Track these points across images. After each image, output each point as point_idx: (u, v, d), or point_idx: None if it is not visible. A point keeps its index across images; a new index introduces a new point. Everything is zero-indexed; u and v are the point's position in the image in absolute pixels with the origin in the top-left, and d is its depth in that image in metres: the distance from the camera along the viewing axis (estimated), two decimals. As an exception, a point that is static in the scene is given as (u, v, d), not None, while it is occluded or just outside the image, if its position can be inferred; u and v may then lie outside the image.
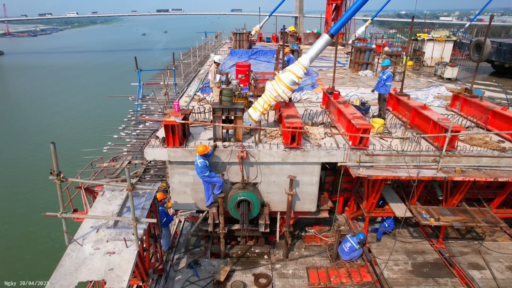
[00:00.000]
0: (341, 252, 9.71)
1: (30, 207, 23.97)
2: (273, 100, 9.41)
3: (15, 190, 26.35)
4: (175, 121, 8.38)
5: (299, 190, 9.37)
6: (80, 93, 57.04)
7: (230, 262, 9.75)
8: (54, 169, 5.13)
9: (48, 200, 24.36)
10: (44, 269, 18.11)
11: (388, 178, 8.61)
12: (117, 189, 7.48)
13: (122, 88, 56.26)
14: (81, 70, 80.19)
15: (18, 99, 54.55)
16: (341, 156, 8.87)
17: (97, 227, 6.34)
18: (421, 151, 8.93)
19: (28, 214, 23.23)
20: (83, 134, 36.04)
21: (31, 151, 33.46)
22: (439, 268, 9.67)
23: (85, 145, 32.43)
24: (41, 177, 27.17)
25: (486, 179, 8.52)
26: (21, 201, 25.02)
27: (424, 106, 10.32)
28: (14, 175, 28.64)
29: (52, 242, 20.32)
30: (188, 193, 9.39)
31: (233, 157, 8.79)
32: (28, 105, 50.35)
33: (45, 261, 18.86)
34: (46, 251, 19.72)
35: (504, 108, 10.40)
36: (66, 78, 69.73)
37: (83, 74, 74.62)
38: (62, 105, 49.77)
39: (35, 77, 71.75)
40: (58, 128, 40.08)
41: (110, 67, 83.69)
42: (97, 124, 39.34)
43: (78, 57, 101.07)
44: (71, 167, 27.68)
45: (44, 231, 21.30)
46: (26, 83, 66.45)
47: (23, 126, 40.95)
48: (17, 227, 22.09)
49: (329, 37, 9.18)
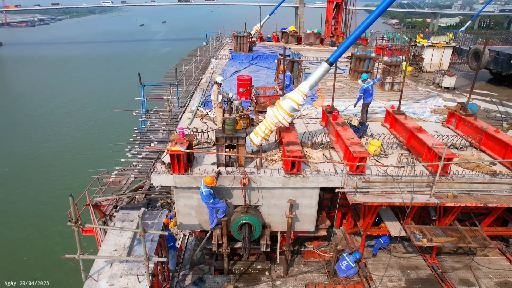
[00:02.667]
0: (338, 270, 10.22)
1: (29, 205, 24.28)
2: (274, 125, 9.80)
3: (12, 189, 26.65)
4: (180, 150, 8.77)
5: (299, 212, 9.83)
6: (80, 86, 57.17)
7: (233, 278, 10.29)
8: (72, 217, 5.55)
9: (44, 197, 24.82)
10: (44, 269, 18.84)
11: (383, 204, 9.05)
12: (127, 219, 7.93)
13: (121, 82, 56.62)
14: (80, 61, 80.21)
15: (18, 91, 54.72)
16: (339, 182, 9.29)
17: (111, 261, 6.81)
18: (415, 176, 9.34)
19: (27, 212, 23.54)
20: (86, 137, 36.11)
21: (30, 145, 33.79)
22: (431, 285, 10.20)
23: (89, 145, 32.93)
24: (37, 175, 27.66)
25: (477, 205, 8.96)
26: (20, 195, 25.35)
27: (420, 128, 10.67)
28: (9, 170, 28.81)
29: (52, 241, 20.80)
30: (193, 215, 9.85)
31: (236, 183, 9.21)
32: (28, 98, 50.55)
33: (45, 260, 19.36)
34: (46, 250, 20.14)
35: (497, 130, 10.75)
36: (66, 70, 69.81)
37: (83, 66, 74.67)
38: (63, 98, 49.98)
39: (35, 69, 71.91)
40: (59, 124, 40.27)
41: (109, 59, 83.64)
42: (100, 122, 39.62)
43: (77, 48, 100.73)
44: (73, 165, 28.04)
45: (43, 230, 21.71)
46: (26, 74, 66.57)
47: (23, 120, 41.12)
48: (15, 226, 22.36)
49: (328, 66, 9.51)
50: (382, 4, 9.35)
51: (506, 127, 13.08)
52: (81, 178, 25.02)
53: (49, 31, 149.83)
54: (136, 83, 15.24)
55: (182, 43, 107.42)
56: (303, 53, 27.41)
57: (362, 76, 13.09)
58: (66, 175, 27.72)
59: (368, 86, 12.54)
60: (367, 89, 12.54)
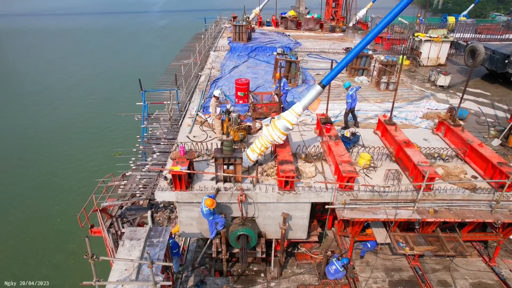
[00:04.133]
0: (328, 273, 11.20)
1: (29, 204, 23.82)
2: (269, 143, 10.42)
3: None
4: (181, 170, 9.43)
5: (292, 223, 10.64)
6: (80, 61, 56.80)
7: (232, 280, 11.29)
8: (89, 253, 6.32)
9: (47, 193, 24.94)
10: (44, 269, 19.15)
11: (369, 220, 9.84)
12: (135, 237, 8.75)
13: (119, 60, 56.14)
14: (77, 34, 78.89)
15: (17, 66, 54.38)
16: (329, 197, 10.03)
17: (122, 281, 7.67)
18: (400, 192, 10.06)
19: (27, 210, 23.27)
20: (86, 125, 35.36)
21: (28, 126, 33.82)
22: (412, 286, 11.20)
23: (91, 136, 32.69)
24: (38, 173, 27.20)
25: (455, 220, 9.75)
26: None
27: (408, 143, 11.27)
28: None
29: (51, 241, 20.93)
30: (194, 225, 10.68)
31: (234, 199, 9.96)
32: (27, 72, 50.09)
33: (45, 260, 19.64)
34: (46, 250, 20.29)
35: (481, 144, 11.35)
36: (62, 45, 68.76)
37: (80, 39, 73.58)
38: (63, 73, 49.72)
39: (30, 43, 70.83)
40: (58, 101, 40.08)
41: (106, 32, 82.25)
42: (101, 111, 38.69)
43: (73, 20, 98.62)
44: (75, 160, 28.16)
45: (42, 230, 21.67)
46: (25, 48, 65.79)
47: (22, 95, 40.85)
48: (15, 226, 22.13)
49: (321, 88, 9.97)
50: (376, 28, 9.55)
51: (493, 134, 13.66)
52: (82, 177, 25.35)
53: (42, 0, 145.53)
54: (135, 62, 15.39)
55: (181, 15, 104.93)
56: (302, 42, 27.45)
57: (345, 84, 13.76)
58: (68, 173, 27.02)
59: (352, 92, 13.32)
60: (352, 95, 13.31)
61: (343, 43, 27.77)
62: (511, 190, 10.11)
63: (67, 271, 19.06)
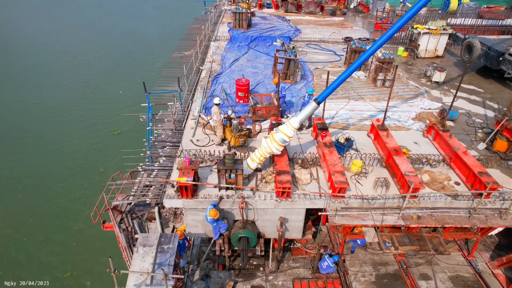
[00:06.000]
0: (320, 267, 12.41)
1: (29, 204, 23.45)
2: (267, 154, 11.23)
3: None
4: (187, 182, 10.32)
5: (288, 225, 11.69)
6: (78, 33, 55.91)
7: (233, 274, 12.54)
8: (112, 269, 7.35)
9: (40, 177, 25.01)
10: (44, 269, 19.35)
11: (358, 226, 10.86)
12: (147, 243, 9.80)
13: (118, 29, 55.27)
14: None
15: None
16: (323, 204, 10.99)
17: (138, 285, 8.79)
18: (387, 199, 11.02)
19: (27, 212, 22.96)
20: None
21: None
22: (396, 279, 12.46)
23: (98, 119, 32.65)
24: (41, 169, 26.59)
25: (436, 225, 10.78)
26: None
27: (398, 150, 12.07)
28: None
29: (52, 240, 21.03)
30: (199, 226, 11.73)
31: (235, 205, 10.94)
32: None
33: (44, 260, 19.82)
34: (45, 250, 20.41)
35: (465, 152, 12.15)
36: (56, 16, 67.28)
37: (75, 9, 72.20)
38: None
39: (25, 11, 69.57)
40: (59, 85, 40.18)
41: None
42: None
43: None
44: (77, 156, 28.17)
45: (42, 230, 21.63)
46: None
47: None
48: (15, 225, 21.96)
49: (316, 105, 10.64)
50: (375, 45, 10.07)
51: (480, 137, 14.40)
52: (86, 173, 25.45)
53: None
54: (133, 30, 15.37)
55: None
56: (302, 28, 27.43)
57: (309, 91, 14.21)
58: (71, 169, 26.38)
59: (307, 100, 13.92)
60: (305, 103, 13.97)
61: (343, 30, 27.72)
62: (488, 197, 11.07)
63: (67, 271, 19.39)
